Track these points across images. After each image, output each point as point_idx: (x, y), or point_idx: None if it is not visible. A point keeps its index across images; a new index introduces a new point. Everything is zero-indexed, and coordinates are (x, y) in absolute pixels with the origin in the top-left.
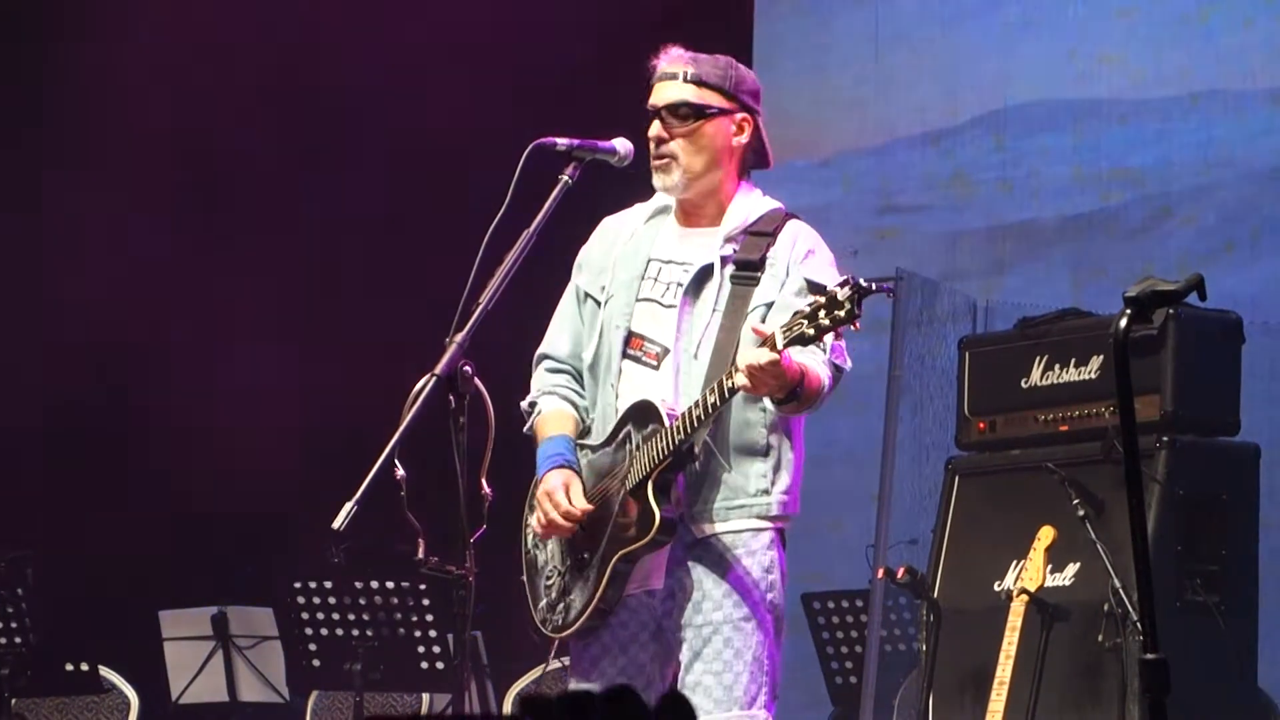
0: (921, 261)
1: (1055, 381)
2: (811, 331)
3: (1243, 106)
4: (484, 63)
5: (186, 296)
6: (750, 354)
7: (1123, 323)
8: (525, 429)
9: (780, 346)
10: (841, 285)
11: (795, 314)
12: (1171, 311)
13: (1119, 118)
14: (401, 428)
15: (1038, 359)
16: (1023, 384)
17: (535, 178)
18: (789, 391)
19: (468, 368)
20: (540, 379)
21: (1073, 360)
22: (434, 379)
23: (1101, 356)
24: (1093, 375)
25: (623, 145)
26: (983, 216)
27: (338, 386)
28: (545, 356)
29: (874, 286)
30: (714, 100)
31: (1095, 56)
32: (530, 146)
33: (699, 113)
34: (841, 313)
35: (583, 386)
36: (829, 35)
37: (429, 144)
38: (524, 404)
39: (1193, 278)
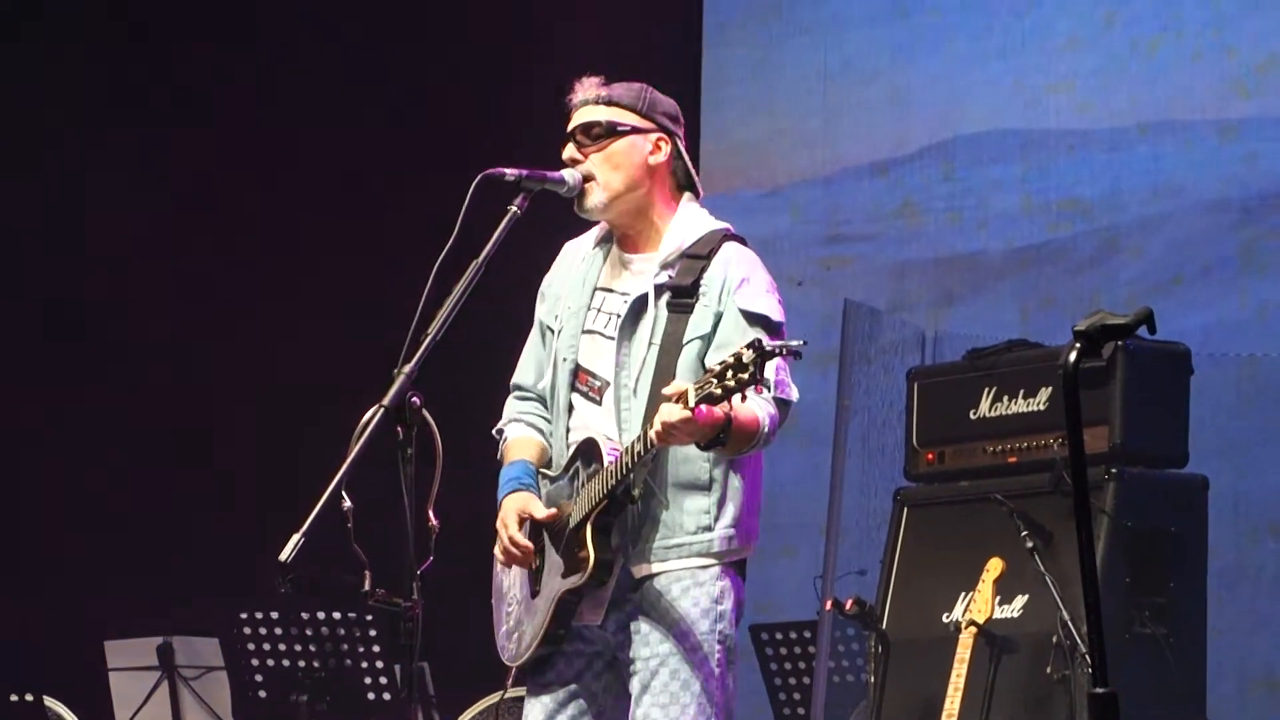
0: (870, 291)
1: (1004, 413)
2: (719, 391)
3: (1191, 137)
4: (437, 98)
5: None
6: (664, 410)
7: (1072, 356)
8: (497, 456)
9: (692, 404)
10: (747, 347)
11: (706, 372)
12: (1120, 343)
13: (1067, 148)
14: (349, 459)
15: (986, 390)
16: (971, 415)
17: (484, 209)
18: (710, 440)
19: (415, 399)
20: (510, 407)
21: (1021, 391)
22: (381, 410)
23: (1050, 388)
24: (1041, 407)
25: (571, 176)
26: (931, 247)
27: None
28: (515, 386)
29: (778, 350)
30: (626, 118)
31: (1044, 87)
32: (479, 177)
33: (610, 130)
34: (745, 375)
35: (550, 414)
36: (778, 65)
37: (379, 172)
38: (494, 431)
39: (1142, 311)
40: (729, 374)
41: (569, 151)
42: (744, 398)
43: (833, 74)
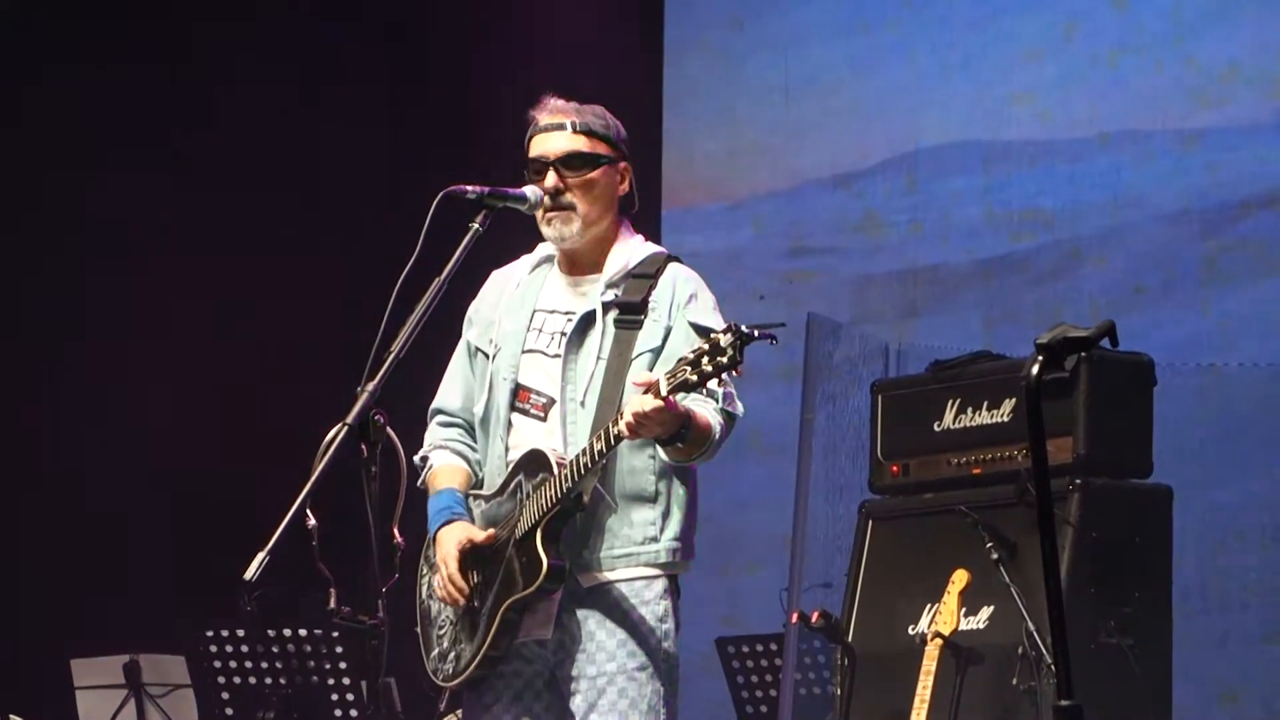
0: (833, 304)
1: (968, 424)
2: (695, 378)
3: (1152, 148)
4: (396, 110)
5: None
6: (635, 401)
7: (1035, 369)
8: (419, 483)
9: (664, 393)
10: (724, 331)
11: (680, 360)
12: (1083, 354)
13: (1029, 159)
14: (313, 478)
15: (950, 402)
16: (935, 427)
17: (444, 226)
18: (674, 434)
19: (379, 417)
20: (433, 433)
21: (985, 403)
22: (345, 428)
23: (1014, 399)
24: (1005, 418)
25: (533, 192)
26: (894, 259)
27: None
28: (438, 411)
29: (756, 333)
30: (603, 150)
31: (1005, 98)
32: (440, 195)
33: (593, 162)
34: (724, 359)
35: (475, 440)
36: (739, 79)
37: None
38: (416, 458)
39: (1104, 324)
40: (704, 360)
41: (551, 180)
42: (721, 383)
43: (794, 87)
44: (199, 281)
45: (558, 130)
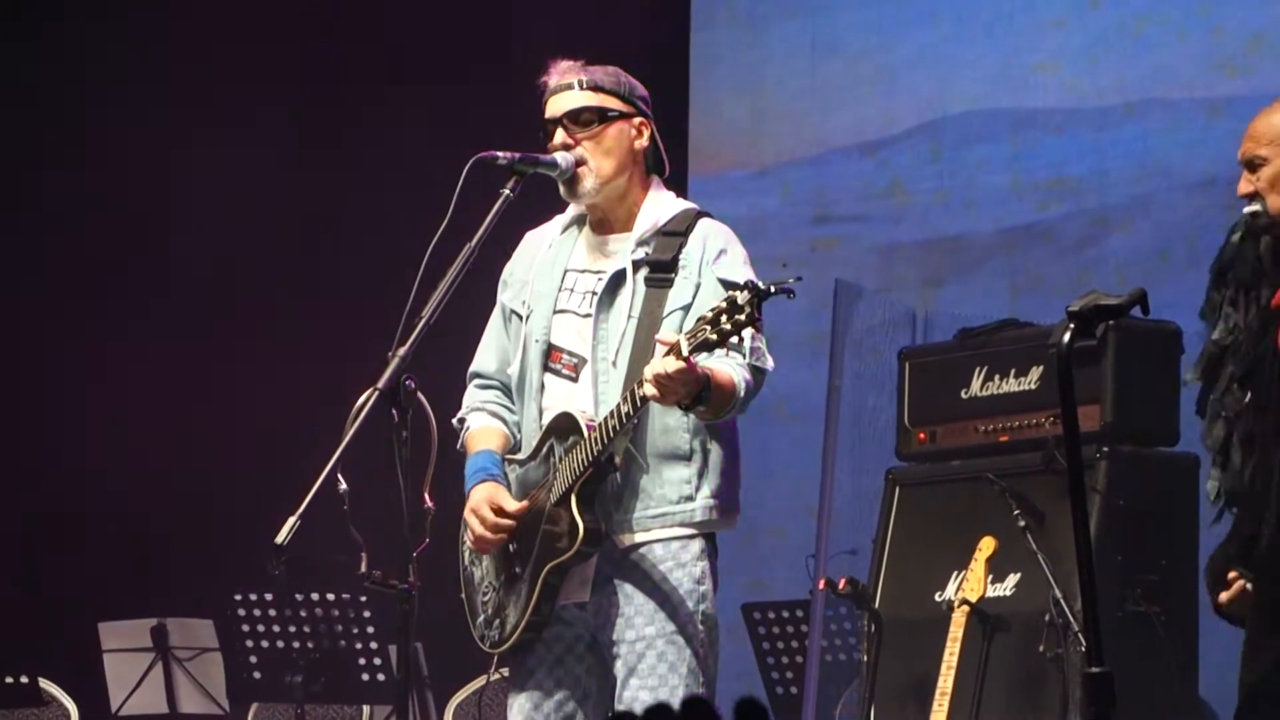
0: (859, 272)
1: (995, 392)
2: (715, 337)
3: (1178, 116)
4: (425, 84)
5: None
6: (657, 363)
7: (1066, 337)
8: (458, 446)
9: (685, 353)
10: (741, 289)
11: (698, 320)
12: (1111, 322)
13: (1055, 128)
14: (344, 442)
15: (977, 369)
16: (963, 394)
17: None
18: (695, 396)
19: (410, 382)
20: (470, 396)
21: (1013, 371)
22: (376, 393)
23: (1041, 367)
24: (1032, 386)
25: (564, 159)
26: (919, 227)
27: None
28: (475, 374)
29: (772, 289)
30: (613, 104)
31: (1031, 66)
32: (471, 160)
33: (602, 116)
34: (742, 316)
35: (513, 401)
36: (765, 46)
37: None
38: (454, 421)
39: (1135, 292)
40: (723, 318)
41: (560, 137)
42: (756, 336)
43: (820, 54)
44: (230, 244)
45: (566, 90)
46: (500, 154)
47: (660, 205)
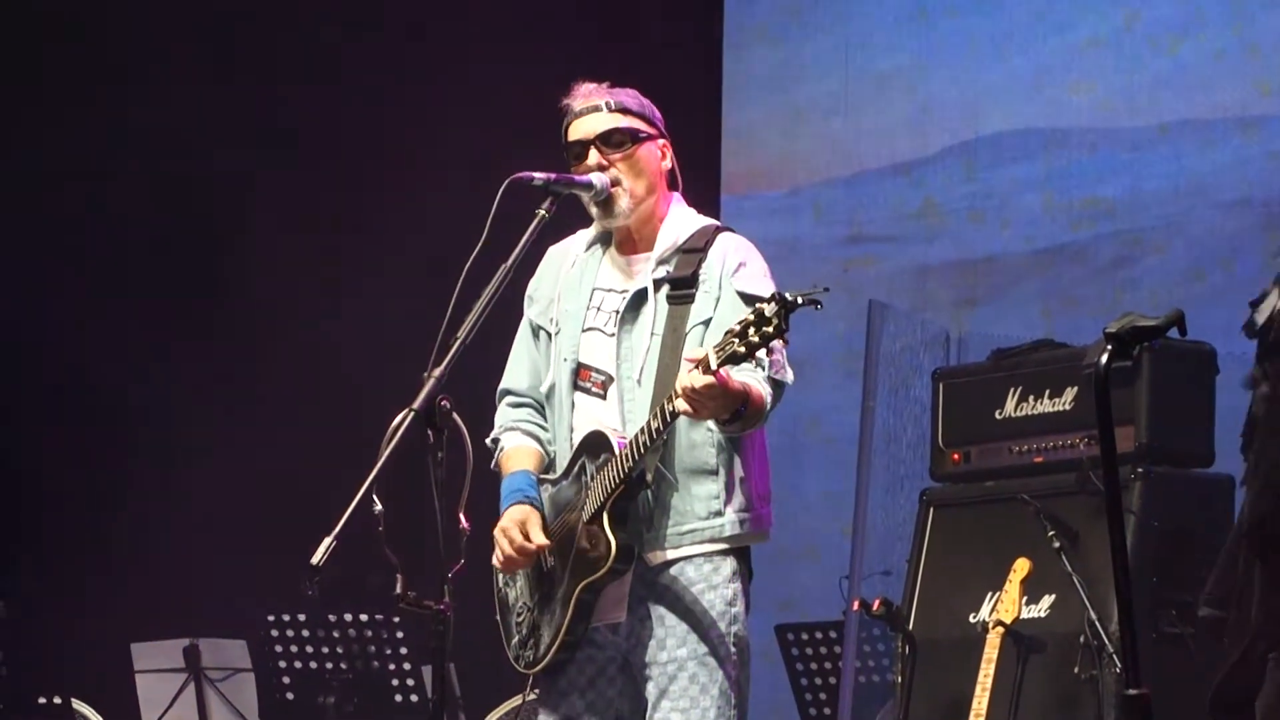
0: (893, 292)
1: (1029, 413)
2: (743, 349)
3: (1212, 136)
4: (467, 104)
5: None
6: (687, 378)
7: (1103, 358)
8: (492, 465)
9: (714, 367)
10: (768, 301)
11: (726, 333)
12: (1146, 343)
13: (1089, 147)
14: (379, 463)
15: (1012, 390)
16: (997, 415)
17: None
18: (734, 412)
19: (445, 402)
20: (503, 414)
21: (1047, 391)
22: (411, 414)
23: (1075, 388)
24: (1067, 406)
25: (599, 179)
26: (953, 247)
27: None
28: (507, 392)
29: (800, 300)
30: (641, 125)
31: (1065, 86)
32: (507, 181)
33: (634, 137)
34: (770, 328)
35: (545, 418)
36: (798, 66)
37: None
38: (487, 440)
39: (1173, 313)
40: (751, 331)
41: (594, 158)
42: (770, 351)
43: (853, 75)
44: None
45: (594, 112)
46: (536, 174)
47: (680, 223)
